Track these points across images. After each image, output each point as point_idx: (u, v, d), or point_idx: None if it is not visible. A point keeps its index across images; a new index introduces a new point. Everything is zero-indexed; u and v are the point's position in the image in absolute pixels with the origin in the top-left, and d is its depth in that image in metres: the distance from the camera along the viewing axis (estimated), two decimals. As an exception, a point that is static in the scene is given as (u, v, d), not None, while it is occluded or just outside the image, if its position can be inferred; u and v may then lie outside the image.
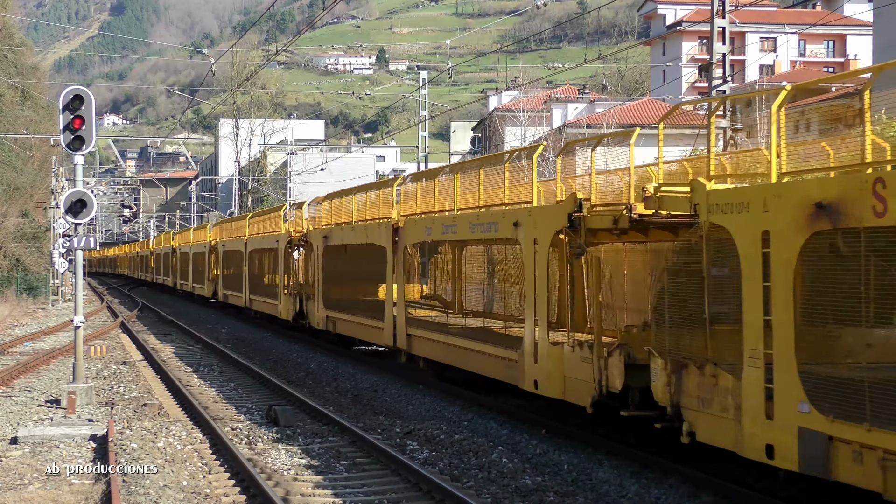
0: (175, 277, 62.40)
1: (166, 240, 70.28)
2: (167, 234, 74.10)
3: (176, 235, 65.73)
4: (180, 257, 60.08)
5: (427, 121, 52.96)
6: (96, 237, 26.74)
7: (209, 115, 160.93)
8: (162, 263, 69.85)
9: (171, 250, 63.83)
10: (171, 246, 64.69)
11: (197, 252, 52.87)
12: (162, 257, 69.73)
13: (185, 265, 57.51)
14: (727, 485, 11.75)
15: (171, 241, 65.30)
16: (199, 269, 52.44)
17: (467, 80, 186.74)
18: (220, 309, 47.78)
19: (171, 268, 64.67)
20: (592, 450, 14.25)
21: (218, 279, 46.49)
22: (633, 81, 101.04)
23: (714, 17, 26.25)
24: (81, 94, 18.37)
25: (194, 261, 53.98)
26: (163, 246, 70.76)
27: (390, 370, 23.39)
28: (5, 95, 60.62)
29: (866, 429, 9.01)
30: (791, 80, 65.95)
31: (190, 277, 55.40)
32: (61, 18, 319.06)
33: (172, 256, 63.38)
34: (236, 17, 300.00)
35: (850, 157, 10.36)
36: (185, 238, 60.40)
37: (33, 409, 18.58)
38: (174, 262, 62.88)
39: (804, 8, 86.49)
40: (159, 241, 76.01)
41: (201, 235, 53.09)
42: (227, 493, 12.19)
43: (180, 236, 63.42)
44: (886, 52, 43.97)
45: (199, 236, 54.43)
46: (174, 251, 62.73)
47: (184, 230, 67.33)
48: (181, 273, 59.62)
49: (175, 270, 62.53)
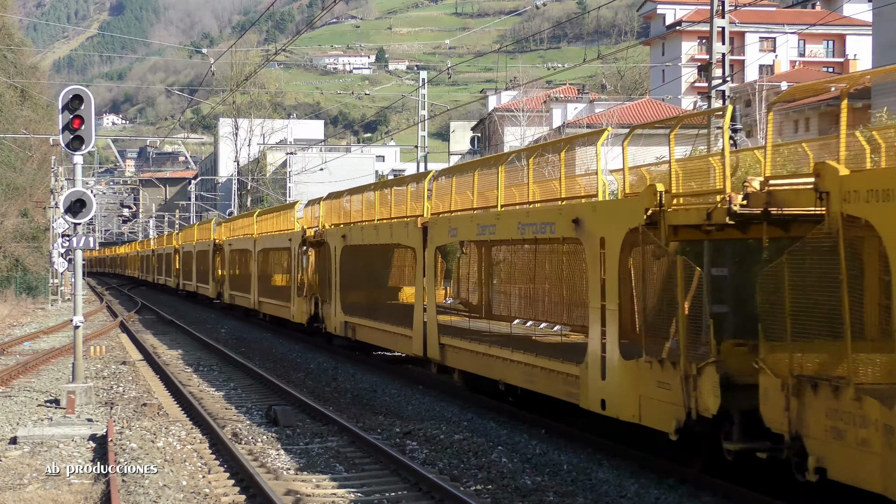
0: (178, 278, 60.62)
1: (168, 239, 68.32)
2: (169, 233, 71.71)
3: (178, 234, 63.61)
4: (183, 256, 58.10)
5: (426, 121, 52.94)
6: (95, 237, 26.73)
7: (208, 115, 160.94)
8: (164, 263, 67.79)
9: (174, 250, 61.81)
10: (172, 246, 62.68)
11: (201, 251, 51.00)
12: (164, 257, 67.78)
13: (189, 265, 55.54)
14: (727, 485, 11.74)
15: (174, 240, 63.18)
16: (202, 268, 50.86)
17: (467, 80, 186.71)
18: (220, 309, 47.76)
19: (172, 267, 62.64)
20: (592, 450, 14.24)
21: (224, 279, 45.07)
22: (632, 81, 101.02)
23: (713, 17, 26.23)
24: (81, 94, 18.36)
25: (198, 259, 52.04)
26: (165, 245, 68.77)
27: (414, 378, 22.25)
28: (5, 95, 60.59)
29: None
30: (790, 80, 65.95)
31: (194, 277, 53.71)
32: (61, 18, 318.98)
33: (175, 256, 61.46)
34: (236, 16, 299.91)
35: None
36: (188, 236, 58.04)
37: (33, 408, 18.58)
38: (176, 261, 61.12)
39: (804, 8, 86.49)
40: (161, 240, 73.94)
41: (205, 234, 50.91)
42: (227, 493, 12.19)
43: (182, 234, 61.31)
44: (886, 52, 43.97)
45: (203, 234, 52.25)
46: (177, 251, 60.76)
47: (186, 228, 65.31)
48: (184, 273, 57.92)
49: (177, 270, 60.74)
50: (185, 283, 57.32)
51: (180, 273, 59.63)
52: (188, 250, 55.40)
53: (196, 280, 52.68)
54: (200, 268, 51.31)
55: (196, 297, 54.41)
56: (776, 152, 11.51)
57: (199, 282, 51.80)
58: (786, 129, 50.75)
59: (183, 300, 58.43)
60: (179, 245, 59.97)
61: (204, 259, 49.61)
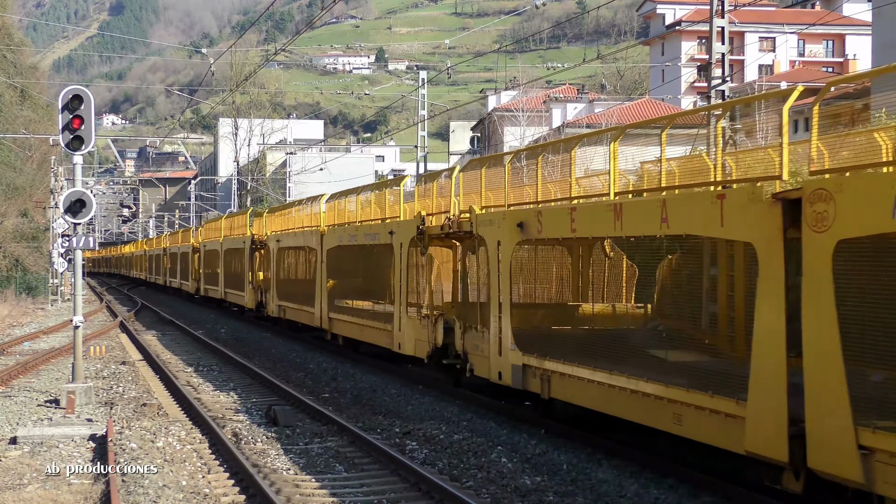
0: (198, 281, 52.44)
1: (184, 236, 60.41)
2: (186, 229, 63.82)
3: (200, 230, 55.34)
4: (206, 256, 50.11)
5: (426, 121, 52.95)
6: (95, 237, 26.70)
7: (208, 115, 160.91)
8: (180, 264, 59.90)
9: (192, 249, 54.23)
10: (190, 244, 55.12)
11: (231, 249, 42.90)
12: (180, 257, 59.76)
13: (214, 266, 47.27)
14: (727, 485, 11.74)
15: (193, 236, 55.33)
16: (233, 270, 42.53)
17: (466, 80, 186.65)
18: (220, 309, 47.75)
19: (191, 269, 54.75)
20: (592, 450, 14.24)
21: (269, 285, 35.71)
22: (632, 81, 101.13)
23: (713, 16, 26.24)
24: (80, 94, 18.37)
25: (228, 260, 43.59)
26: (181, 243, 60.32)
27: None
28: (4, 95, 60.61)
29: None
30: (790, 80, 65.96)
31: (221, 281, 45.11)
32: (60, 18, 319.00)
33: (194, 256, 53.40)
34: (235, 16, 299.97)
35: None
36: (212, 231, 49.43)
37: (32, 408, 18.57)
38: (196, 262, 53.12)
39: (803, 8, 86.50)
40: (175, 237, 65.71)
41: (239, 228, 42.43)
42: (227, 493, 12.19)
43: (205, 230, 53.03)
44: (886, 51, 43.97)
45: (235, 228, 43.64)
46: (196, 250, 52.92)
47: (209, 223, 55.51)
48: (207, 276, 49.67)
49: (197, 272, 52.79)
50: (208, 287, 49.42)
51: (201, 276, 51.97)
52: (213, 248, 47.98)
53: (225, 285, 44.64)
54: (231, 270, 43.29)
55: (223, 305, 47.12)
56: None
57: (229, 287, 43.60)
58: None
59: (183, 300, 58.33)
60: (200, 242, 52.62)
61: (236, 259, 41.95)
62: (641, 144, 14.56)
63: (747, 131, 21.27)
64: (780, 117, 10.27)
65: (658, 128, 13.11)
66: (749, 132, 22.05)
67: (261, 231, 37.75)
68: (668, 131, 12.87)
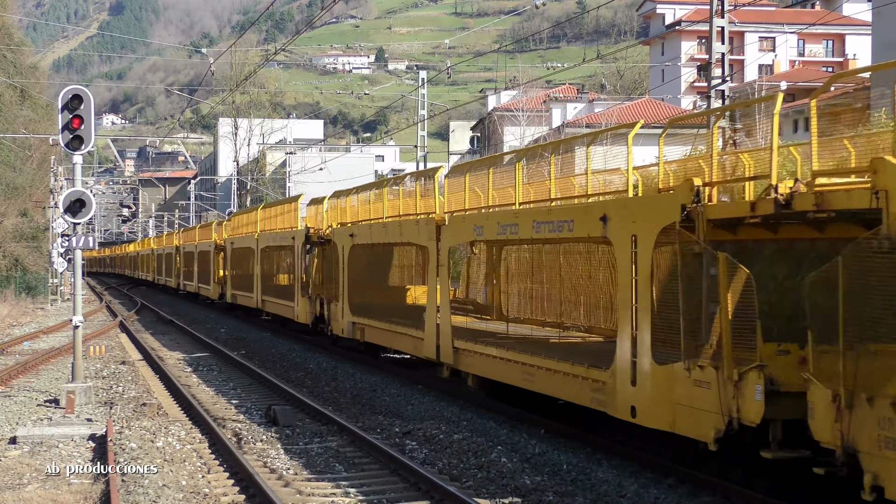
0: (223, 285, 45.22)
1: (203, 232, 52.98)
2: (206, 224, 56.08)
3: (226, 223, 47.41)
4: (234, 256, 42.79)
5: (426, 120, 52.94)
6: (95, 237, 26.68)
7: (208, 115, 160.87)
8: (198, 265, 52.75)
9: (214, 247, 47.07)
10: (212, 241, 48.00)
11: (274, 247, 35.31)
12: (198, 256, 52.80)
13: (246, 268, 39.71)
14: (727, 485, 11.74)
15: (216, 232, 48.31)
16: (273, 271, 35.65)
17: (466, 80, 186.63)
18: (220, 309, 47.73)
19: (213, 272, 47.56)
20: (591, 449, 14.24)
21: (340, 295, 27.34)
22: (632, 81, 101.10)
23: (713, 16, 26.25)
24: (80, 94, 18.37)
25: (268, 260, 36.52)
26: (198, 240, 53.22)
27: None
28: (4, 95, 60.60)
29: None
30: (790, 79, 66.00)
31: (257, 287, 37.48)
32: (60, 18, 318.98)
33: (217, 256, 46.65)
34: (235, 16, 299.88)
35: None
36: (243, 225, 42.57)
37: (32, 408, 18.57)
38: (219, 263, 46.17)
39: (803, 7, 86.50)
40: (190, 234, 58.73)
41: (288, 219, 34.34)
42: (226, 493, 12.19)
43: (233, 224, 45.11)
44: (885, 51, 43.99)
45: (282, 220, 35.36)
46: (220, 248, 46.02)
47: (237, 215, 47.40)
48: (235, 281, 42.37)
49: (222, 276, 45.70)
50: (237, 293, 41.67)
51: (227, 280, 43.83)
52: (244, 245, 40.15)
53: (263, 291, 36.53)
54: (273, 272, 35.46)
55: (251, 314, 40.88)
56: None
57: (270, 294, 35.53)
58: (785, 130, 50.70)
59: (183, 300, 58.29)
60: (226, 238, 44.65)
61: (281, 258, 34.24)
62: (641, 144, 14.63)
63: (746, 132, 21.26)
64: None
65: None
66: (749, 133, 22.06)
67: (319, 222, 29.75)
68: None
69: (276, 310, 34.70)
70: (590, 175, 15.05)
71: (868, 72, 21.17)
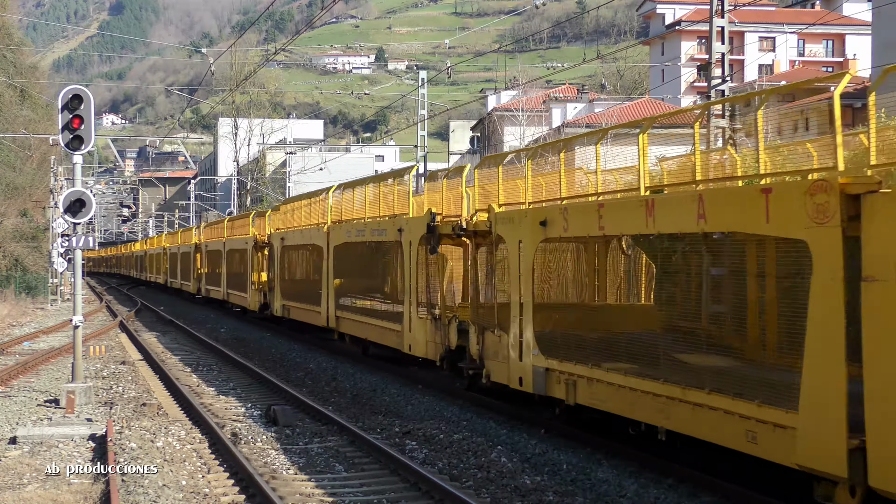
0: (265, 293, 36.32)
1: (237, 226, 44.17)
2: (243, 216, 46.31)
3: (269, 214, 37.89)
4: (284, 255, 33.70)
5: (426, 120, 52.95)
6: (95, 237, 26.68)
7: (208, 115, 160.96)
8: (225, 265, 44.69)
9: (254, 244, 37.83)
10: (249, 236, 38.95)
11: (375, 243, 24.30)
12: (231, 255, 43.41)
13: (314, 270, 29.86)
14: (727, 485, 11.74)
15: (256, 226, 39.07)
16: (374, 270, 25.13)
17: (466, 80, 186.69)
18: (220, 309, 47.74)
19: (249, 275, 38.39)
20: (591, 449, 14.24)
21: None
22: (632, 81, 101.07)
23: (713, 16, 26.24)
24: (80, 94, 18.37)
25: (356, 257, 26.41)
26: (233, 235, 44.03)
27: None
28: (4, 95, 60.59)
29: None
30: (790, 79, 65.99)
31: (361, 308, 26.17)
32: (60, 18, 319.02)
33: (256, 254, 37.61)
34: (235, 16, 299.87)
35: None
36: (302, 214, 32.17)
37: (32, 408, 18.57)
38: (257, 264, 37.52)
39: (803, 7, 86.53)
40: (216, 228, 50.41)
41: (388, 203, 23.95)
42: (226, 493, 12.19)
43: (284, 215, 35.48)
44: (885, 51, 44.00)
45: (389, 195, 24.19)
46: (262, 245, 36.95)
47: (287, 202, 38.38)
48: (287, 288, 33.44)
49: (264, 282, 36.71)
50: (291, 304, 32.51)
51: (276, 285, 34.12)
52: (304, 243, 30.83)
53: (367, 313, 24.91)
54: (377, 273, 24.85)
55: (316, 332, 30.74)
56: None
57: (375, 317, 24.09)
58: (785, 129, 50.65)
59: (183, 300, 58.19)
60: (270, 234, 35.68)
61: (383, 257, 23.83)
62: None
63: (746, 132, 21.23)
64: None
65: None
66: (749, 133, 22.00)
67: (444, 205, 20.03)
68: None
69: (373, 336, 24.18)
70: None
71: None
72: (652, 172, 13.40)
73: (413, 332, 20.55)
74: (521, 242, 15.61)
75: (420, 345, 20.23)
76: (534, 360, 15.23)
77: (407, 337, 20.93)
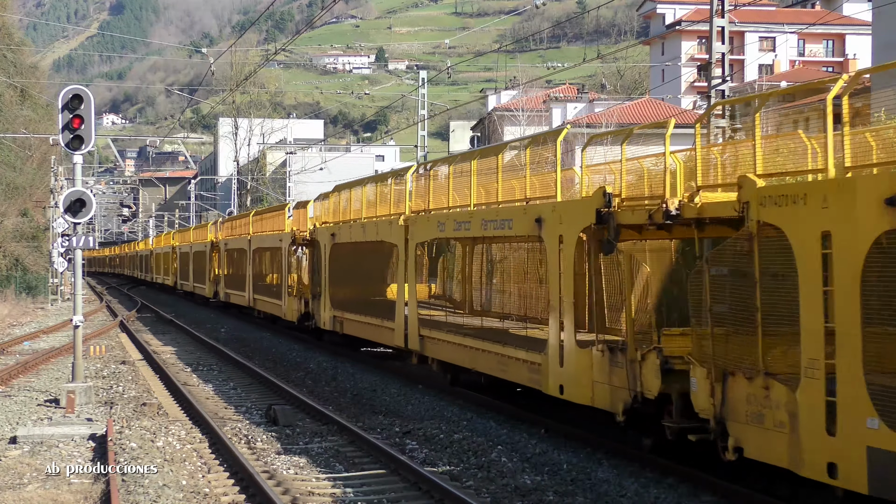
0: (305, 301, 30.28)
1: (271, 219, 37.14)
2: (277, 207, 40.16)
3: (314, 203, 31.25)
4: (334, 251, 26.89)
5: (426, 120, 52.94)
6: (95, 237, 26.69)
7: (208, 115, 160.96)
8: (251, 266, 38.73)
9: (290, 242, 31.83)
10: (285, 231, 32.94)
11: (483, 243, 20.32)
12: (251, 255, 38.76)
13: (373, 271, 24.34)
14: (727, 485, 11.74)
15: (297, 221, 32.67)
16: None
17: (466, 80, 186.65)
18: (220, 309, 47.72)
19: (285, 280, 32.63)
20: (591, 449, 14.24)
21: None
22: (632, 81, 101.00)
23: (713, 16, 26.23)
24: (80, 94, 18.38)
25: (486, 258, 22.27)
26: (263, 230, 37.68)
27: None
28: (4, 95, 60.59)
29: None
30: (790, 79, 65.98)
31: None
32: (60, 18, 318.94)
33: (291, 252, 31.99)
34: (235, 16, 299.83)
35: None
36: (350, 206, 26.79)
37: (32, 408, 18.57)
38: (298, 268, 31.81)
39: (803, 7, 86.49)
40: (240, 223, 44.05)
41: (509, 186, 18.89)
42: (227, 493, 12.19)
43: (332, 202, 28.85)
44: (885, 51, 43.96)
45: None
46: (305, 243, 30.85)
47: (344, 187, 28.72)
48: (340, 297, 26.83)
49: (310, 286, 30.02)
50: (346, 317, 26.06)
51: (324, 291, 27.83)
52: (366, 239, 24.37)
53: (421, 320, 20.62)
54: (490, 277, 21.11)
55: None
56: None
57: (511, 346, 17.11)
58: (784, 129, 50.68)
59: (184, 300, 58.14)
60: (313, 229, 29.94)
61: (509, 262, 19.92)
62: (641, 144, 14.73)
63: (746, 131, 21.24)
64: None
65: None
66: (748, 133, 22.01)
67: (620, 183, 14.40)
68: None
69: (479, 363, 18.04)
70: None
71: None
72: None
73: (567, 368, 14.45)
74: (832, 236, 9.48)
75: (580, 387, 14.13)
76: (871, 438, 8.82)
77: (554, 373, 14.76)
